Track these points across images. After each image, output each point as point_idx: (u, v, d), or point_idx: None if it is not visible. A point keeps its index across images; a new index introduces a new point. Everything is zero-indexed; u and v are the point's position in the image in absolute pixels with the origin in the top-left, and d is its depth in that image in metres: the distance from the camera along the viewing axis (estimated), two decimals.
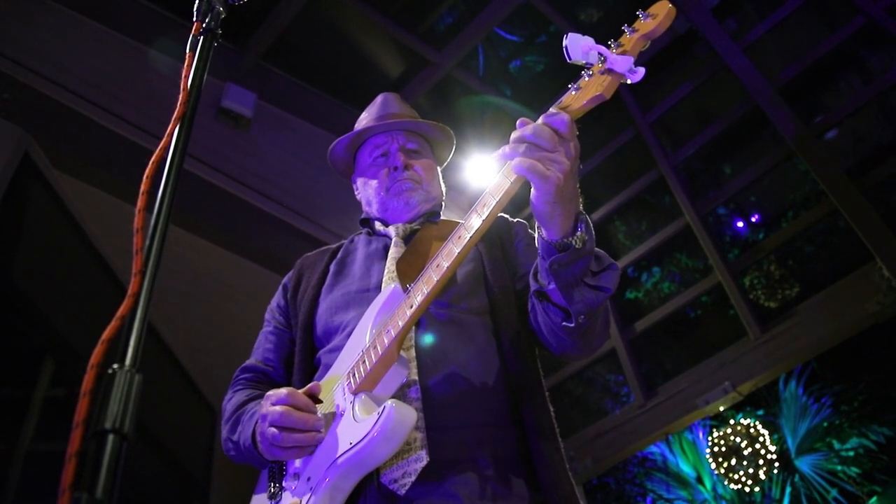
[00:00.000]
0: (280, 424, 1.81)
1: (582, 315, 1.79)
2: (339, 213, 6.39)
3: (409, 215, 2.40)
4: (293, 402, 1.85)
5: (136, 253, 1.12)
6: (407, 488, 1.75)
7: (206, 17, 1.60)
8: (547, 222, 1.69)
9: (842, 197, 5.83)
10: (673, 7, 1.65)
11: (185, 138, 1.37)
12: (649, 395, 6.69)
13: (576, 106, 1.64)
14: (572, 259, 1.70)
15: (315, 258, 2.53)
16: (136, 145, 5.33)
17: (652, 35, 1.65)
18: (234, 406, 2.18)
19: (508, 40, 8.17)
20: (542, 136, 1.59)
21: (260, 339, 2.41)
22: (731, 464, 10.72)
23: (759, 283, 8.87)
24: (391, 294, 1.95)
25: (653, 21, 1.65)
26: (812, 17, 7.25)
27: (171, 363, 6.87)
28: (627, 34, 1.65)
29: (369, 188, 2.47)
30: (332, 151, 2.58)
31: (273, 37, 6.62)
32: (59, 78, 5.25)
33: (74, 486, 0.86)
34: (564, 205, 1.64)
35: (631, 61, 1.60)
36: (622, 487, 13.14)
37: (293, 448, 1.84)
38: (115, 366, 0.99)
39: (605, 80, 1.61)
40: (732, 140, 7.40)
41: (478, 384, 1.97)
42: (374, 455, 1.71)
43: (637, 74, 1.60)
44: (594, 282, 1.77)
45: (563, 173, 1.59)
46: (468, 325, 2.08)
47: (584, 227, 1.69)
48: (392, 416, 1.67)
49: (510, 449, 1.92)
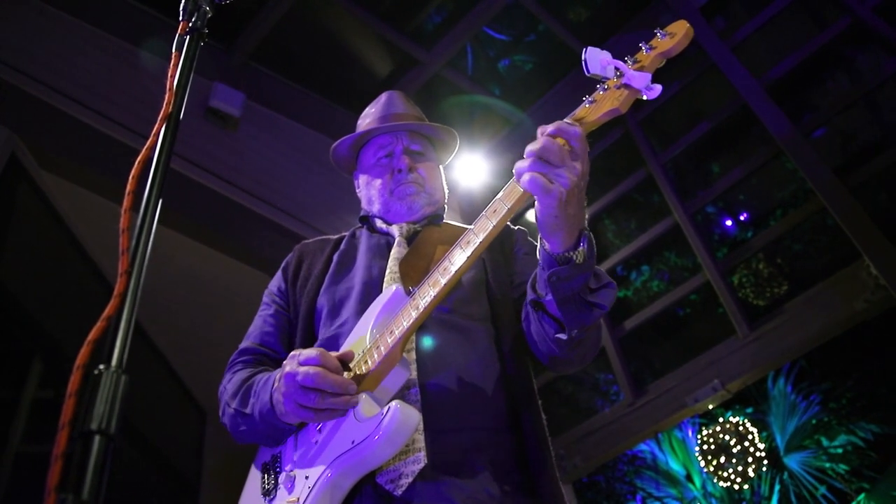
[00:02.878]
0: (313, 385, 1.75)
1: (575, 329, 1.82)
2: (328, 213, 6.38)
3: (411, 218, 2.40)
4: (326, 364, 1.79)
5: (122, 253, 1.12)
6: (404, 489, 1.74)
7: (192, 17, 1.60)
8: (549, 234, 1.70)
9: (830, 195, 5.85)
10: (691, 28, 1.68)
11: (171, 138, 1.37)
12: (638, 394, 6.70)
13: (591, 119, 1.67)
14: (572, 274, 1.71)
15: (315, 246, 2.52)
16: (123, 145, 5.31)
17: (669, 53, 1.68)
18: (237, 382, 2.13)
19: (497, 39, 8.16)
20: (549, 150, 1.60)
21: (257, 322, 2.37)
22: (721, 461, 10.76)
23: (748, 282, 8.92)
24: (393, 296, 1.96)
25: (671, 40, 1.67)
26: (800, 17, 7.28)
27: (159, 364, 6.86)
28: (644, 51, 1.67)
29: (372, 188, 2.46)
30: (336, 150, 2.57)
31: (261, 36, 6.60)
32: (46, 78, 5.22)
33: (60, 488, 0.86)
34: (568, 219, 1.65)
35: (648, 78, 1.62)
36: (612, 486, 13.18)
37: (326, 411, 1.78)
38: (101, 366, 0.99)
39: (622, 95, 1.63)
40: (721, 139, 7.42)
41: (477, 389, 1.98)
42: (376, 455, 1.71)
43: (654, 91, 1.63)
44: (591, 298, 1.78)
45: (566, 188, 1.59)
46: (469, 330, 2.08)
47: (586, 243, 1.70)
48: (397, 416, 1.68)
49: (507, 454, 1.93)
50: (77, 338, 0.99)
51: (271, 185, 6.34)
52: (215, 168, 5.95)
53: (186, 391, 7.31)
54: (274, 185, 6.36)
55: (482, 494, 1.79)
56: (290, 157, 6.77)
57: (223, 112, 6.17)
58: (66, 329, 4.87)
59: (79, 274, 5.30)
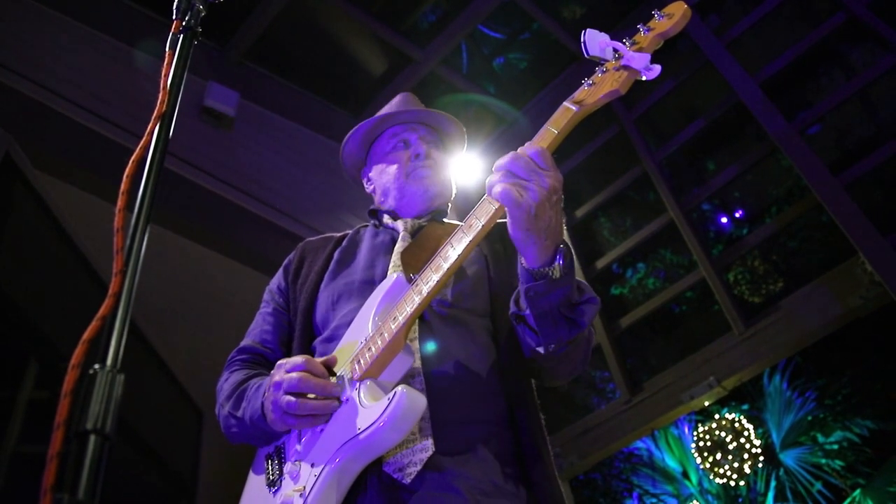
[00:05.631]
0: (297, 391, 1.78)
1: (553, 344, 1.83)
2: (324, 212, 6.38)
3: (423, 206, 2.41)
4: (310, 369, 1.82)
5: (116, 253, 1.12)
6: (412, 477, 1.75)
7: (185, 16, 1.59)
8: (523, 249, 1.72)
9: (824, 192, 5.86)
10: (689, 8, 1.70)
11: (165, 137, 1.37)
12: (634, 391, 6.71)
13: (591, 100, 1.69)
14: (548, 289, 1.72)
15: (318, 244, 2.53)
16: (118, 145, 5.30)
17: (667, 34, 1.70)
18: (233, 384, 2.14)
19: (492, 37, 8.16)
20: (517, 163, 1.64)
21: (257, 321, 2.38)
22: (717, 458, 10.78)
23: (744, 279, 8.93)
24: (394, 283, 1.96)
25: (668, 21, 1.69)
26: (794, 13, 7.29)
27: (156, 364, 6.84)
28: (642, 32, 1.70)
29: (387, 175, 2.47)
30: (348, 142, 2.58)
31: (255, 35, 6.60)
32: (40, 77, 5.21)
33: (56, 487, 0.86)
34: (539, 234, 1.66)
35: (647, 58, 1.65)
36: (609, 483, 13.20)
37: (308, 416, 1.80)
38: (96, 366, 0.99)
39: (622, 76, 1.66)
40: (716, 136, 7.43)
41: (478, 382, 1.99)
42: (383, 440, 1.70)
43: (653, 71, 1.66)
44: (570, 314, 1.79)
45: (535, 201, 1.61)
46: (470, 324, 2.10)
47: (562, 258, 1.71)
48: (403, 401, 1.67)
49: (507, 448, 1.94)
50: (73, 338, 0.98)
51: (266, 183, 6.34)
52: (210, 167, 5.95)
53: (182, 391, 7.29)
54: (269, 184, 6.35)
55: (487, 485, 1.80)
56: (285, 155, 6.76)
57: (218, 111, 6.17)
58: (61, 329, 4.86)
59: (74, 274, 5.29)
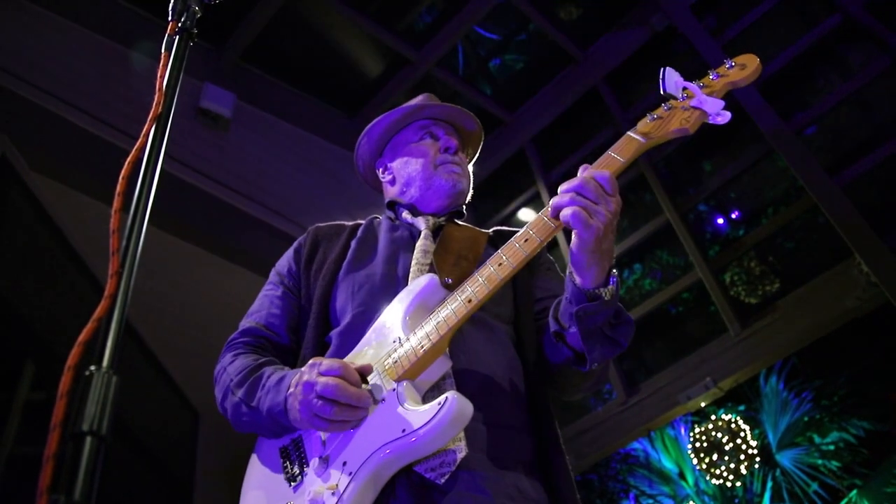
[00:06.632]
0: (332, 397, 1.75)
1: (596, 363, 1.86)
2: (320, 213, 6.36)
3: (446, 202, 2.38)
4: (346, 376, 1.79)
5: (112, 254, 1.12)
6: (446, 478, 1.74)
7: (181, 17, 1.59)
8: (583, 270, 1.74)
9: (821, 193, 5.87)
10: (760, 64, 1.76)
11: (161, 139, 1.36)
12: (631, 392, 6.72)
13: (657, 134, 1.77)
14: (598, 310, 1.75)
15: (330, 231, 2.46)
16: (113, 146, 5.30)
17: (737, 85, 1.77)
18: (242, 369, 2.06)
19: (488, 39, 8.17)
20: (587, 187, 1.67)
21: (263, 302, 2.29)
22: (713, 459, 10.75)
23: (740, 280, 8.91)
24: (427, 284, 1.96)
25: (740, 71, 1.76)
26: (790, 14, 7.30)
27: (152, 365, 6.84)
28: (712, 77, 1.77)
29: (412, 165, 2.42)
30: (370, 131, 2.53)
31: (251, 36, 6.60)
32: (35, 79, 5.21)
33: (52, 489, 0.86)
34: (602, 255, 1.71)
35: (721, 105, 1.70)
36: (605, 484, 13.16)
37: (340, 422, 1.79)
38: (92, 367, 0.99)
39: (692, 116, 1.72)
40: (712, 137, 7.43)
41: (504, 387, 1.99)
42: (429, 444, 1.70)
43: (724, 118, 1.71)
44: (612, 333, 1.83)
45: (603, 223, 1.65)
46: (496, 330, 2.10)
47: (615, 281, 1.77)
48: (454, 407, 1.66)
49: (529, 455, 1.95)
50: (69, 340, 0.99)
51: (262, 185, 6.34)
52: (206, 169, 5.95)
53: (179, 392, 7.29)
54: (265, 186, 6.35)
55: (513, 490, 1.80)
56: (281, 157, 6.76)
57: (214, 112, 6.17)
58: (57, 331, 4.86)
59: (70, 275, 5.28)
